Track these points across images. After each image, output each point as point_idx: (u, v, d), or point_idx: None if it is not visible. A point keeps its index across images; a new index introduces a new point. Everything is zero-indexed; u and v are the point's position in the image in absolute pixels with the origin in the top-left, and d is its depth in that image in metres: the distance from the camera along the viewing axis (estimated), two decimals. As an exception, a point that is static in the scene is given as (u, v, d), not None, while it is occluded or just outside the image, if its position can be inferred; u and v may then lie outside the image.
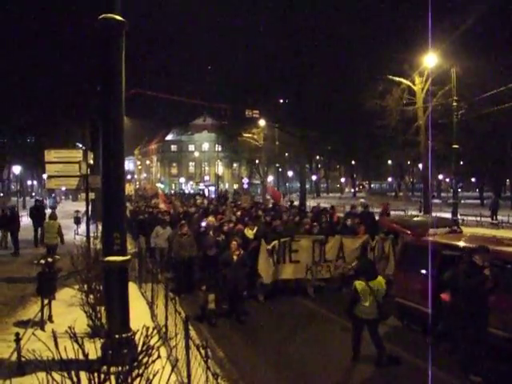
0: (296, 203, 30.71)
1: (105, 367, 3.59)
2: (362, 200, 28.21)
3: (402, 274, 9.42)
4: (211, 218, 15.12)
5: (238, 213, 17.76)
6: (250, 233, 12.74)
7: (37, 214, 20.62)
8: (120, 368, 3.57)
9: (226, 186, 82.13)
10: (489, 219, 29.15)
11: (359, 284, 7.22)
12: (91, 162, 13.60)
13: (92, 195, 15.65)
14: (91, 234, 14.04)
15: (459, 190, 40.68)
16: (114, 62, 6.55)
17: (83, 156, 13.02)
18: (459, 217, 28.39)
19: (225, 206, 21.27)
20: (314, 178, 77.13)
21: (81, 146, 33.13)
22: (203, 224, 13.88)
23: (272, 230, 12.68)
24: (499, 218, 29.13)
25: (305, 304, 11.25)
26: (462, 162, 40.34)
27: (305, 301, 11.46)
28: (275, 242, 11.53)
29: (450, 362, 7.19)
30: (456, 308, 7.06)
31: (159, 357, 3.79)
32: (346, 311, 7.57)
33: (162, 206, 21.88)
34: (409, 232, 10.15)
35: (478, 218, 28.85)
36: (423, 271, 8.64)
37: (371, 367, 7.28)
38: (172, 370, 4.00)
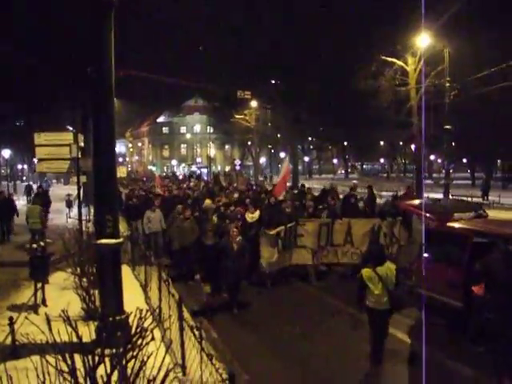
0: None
1: (99, 349, 3.60)
2: (354, 181, 28.19)
3: (425, 263, 8.48)
4: (208, 201, 14.79)
5: (235, 195, 17.21)
6: (250, 216, 12.28)
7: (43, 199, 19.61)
8: (114, 350, 3.58)
9: (219, 167, 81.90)
10: (480, 199, 29.36)
11: (366, 271, 6.63)
12: (82, 144, 13.50)
13: (83, 178, 15.52)
14: (83, 218, 13.99)
15: (451, 170, 40.79)
16: (104, 42, 6.46)
17: (74, 138, 12.91)
18: (450, 197, 28.63)
19: (220, 188, 20.86)
20: (306, 159, 77.05)
21: (71, 129, 32.84)
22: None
23: (278, 212, 12.11)
24: (490, 198, 29.34)
25: (306, 289, 10.98)
26: (453, 143, 40.37)
27: (307, 286, 11.15)
28: (281, 228, 10.98)
29: (482, 361, 6.55)
30: (492, 302, 6.40)
31: (153, 338, 3.81)
32: (356, 303, 7.06)
33: (158, 190, 21.26)
34: (433, 217, 9.21)
35: (470, 199, 29.05)
36: (450, 260, 8.09)
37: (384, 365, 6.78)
38: (166, 352, 4.03)
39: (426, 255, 8.60)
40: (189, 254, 11.10)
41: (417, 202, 11.93)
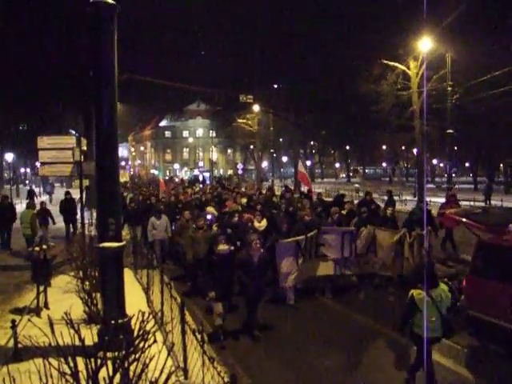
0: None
1: (101, 353, 3.61)
2: (356, 185, 28.22)
3: (479, 281, 7.60)
4: (211, 209, 13.80)
5: (244, 200, 16.26)
6: (257, 225, 11.48)
7: (66, 207, 18.24)
8: (116, 353, 3.59)
9: (221, 171, 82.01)
10: (482, 204, 29.33)
11: (418, 293, 5.80)
12: (85, 148, 13.51)
13: (86, 182, 15.51)
14: (86, 221, 14.01)
15: (453, 174, 40.78)
16: (106, 47, 6.50)
17: (76, 142, 12.92)
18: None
19: (226, 192, 20.00)
20: (308, 163, 77.04)
21: (74, 132, 32.93)
22: (208, 217, 11.94)
23: (294, 221, 11.18)
24: (492, 202, 29.31)
25: (332, 306, 9.84)
26: (456, 147, 40.40)
27: (333, 302, 10.03)
28: (302, 237, 9.95)
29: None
30: None
31: (155, 341, 3.81)
32: (399, 327, 6.23)
33: (163, 195, 20.45)
34: (486, 228, 8.19)
35: (472, 203, 29.04)
36: (508, 277, 7.09)
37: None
38: (168, 355, 4.04)
39: (479, 272, 7.69)
40: (202, 266, 9.85)
41: (460, 211, 11.00)
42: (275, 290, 9.65)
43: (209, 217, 11.90)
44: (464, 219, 9.00)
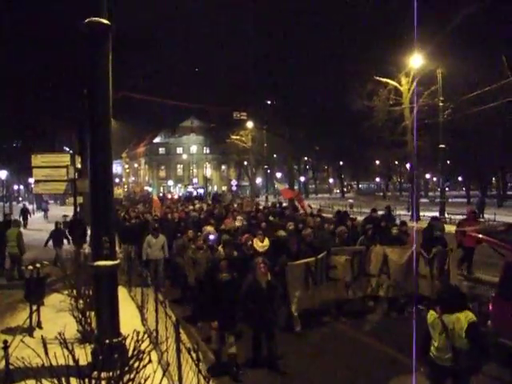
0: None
1: (95, 373, 3.57)
2: (350, 200, 28.29)
3: (508, 305, 6.88)
4: (209, 228, 12.82)
5: (239, 217, 15.62)
6: (259, 245, 10.73)
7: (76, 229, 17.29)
8: (111, 373, 3.55)
9: (215, 188, 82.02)
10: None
11: (431, 314, 5.33)
12: (79, 166, 13.53)
13: (80, 199, 15.48)
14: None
15: (446, 189, 41.03)
16: (101, 65, 6.53)
17: (71, 160, 12.95)
18: (446, 215, 28.74)
19: (223, 210, 19.41)
20: (302, 179, 77.27)
21: (68, 150, 32.90)
22: (211, 237, 10.99)
23: (298, 242, 10.40)
24: (485, 216, 29.43)
25: (344, 332, 9.08)
26: (448, 162, 40.70)
27: (344, 328, 9.27)
28: (312, 260, 9.25)
29: None
30: None
31: (150, 361, 3.78)
32: (419, 352, 5.63)
33: (157, 213, 19.73)
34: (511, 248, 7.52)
35: (465, 217, 29.09)
36: None
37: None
38: (163, 375, 3.99)
39: (505, 294, 7.03)
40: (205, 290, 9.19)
41: (482, 228, 10.31)
42: (287, 318, 8.88)
43: (212, 237, 10.95)
44: (488, 238, 8.34)
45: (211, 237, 11.02)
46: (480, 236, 8.74)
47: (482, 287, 11.02)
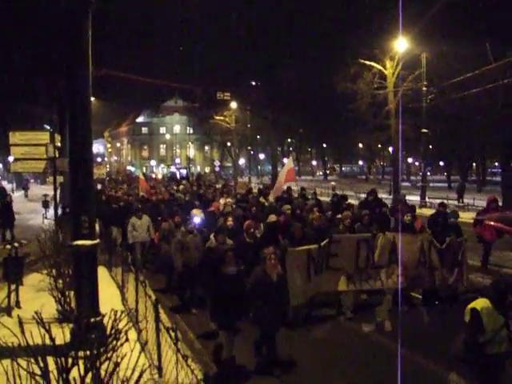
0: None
1: (73, 352, 3.56)
2: (333, 183, 28.41)
3: None
4: (196, 211, 11.35)
5: (228, 200, 14.29)
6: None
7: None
8: (88, 352, 3.55)
9: (198, 168, 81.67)
10: (455, 202, 29.89)
11: (484, 302, 4.76)
12: (59, 144, 13.31)
13: (60, 178, 15.25)
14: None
15: (428, 173, 41.48)
16: (81, 42, 6.40)
17: (50, 138, 12.72)
18: (427, 199, 29.13)
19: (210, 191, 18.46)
20: (285, 160, 77.38)
21: (49, 128, 32.30)
22: (197, 220, 9.89)
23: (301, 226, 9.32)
24: (465, 200, 29.88)
25: (349, 326, 8.31)
26: (430, 146, 41.08)
27: (349, 322, 8.47)
28: (314, 246, 8.31)
29: None
30: None
31: (127, 340, 3.78)
32: (463, 351, 4.85)
33: (144, 193, 18.87)
34: None
35: (446, 201, 29.53)
36: None
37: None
38: (140, 353, 4.00)
39: None
40: (193, 276, 8.78)
41: (501, 216, 9.37)
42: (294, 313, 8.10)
43: (197, 220, 9.98)
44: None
45: (197, 220, 10.01)
46: (498, 226, 7.98)
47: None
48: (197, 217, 9.95)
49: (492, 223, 8.68)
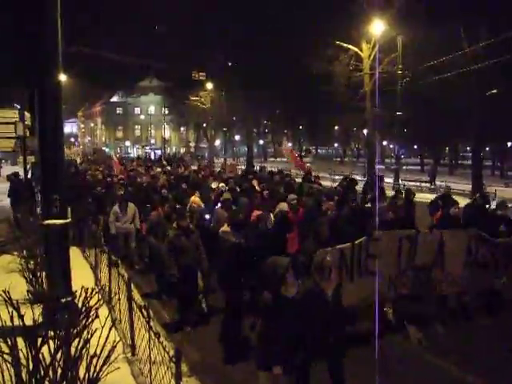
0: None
1: (43, 331, 3.53)
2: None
3: None
4: (195, 198, 10.30)
5: (221, 184, 12.73)
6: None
7: None
8: (58, 331, 3.53)
9: (173, 149, 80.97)
10: (428, 184, 30.46)
11: None
12: (29, 123, 12.99)
13: (32, 158, 14.92)
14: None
15: (402, 156, 42.02)
16: (50, 16, 6.19)
17: (20, 116, 12.41)
18: (400, 182, 29.56)
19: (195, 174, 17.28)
20: (261, 142, 77.24)
21: (19, 106, 31.45)
22: (207, 216, 8.44)
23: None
24: (437, 183, 30.45)
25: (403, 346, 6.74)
26: (405, 130, 41.50)
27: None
28: (347, 245, 6.69)
29: None
30: None
31: (97, 316, 3.77)
32: None
33: (118, 175, 17.84)
34: None
35: (418, 184, 30.09)
36: None
37: None
38: (111, 329, 3.98)
39: None
40: (192, 282, 7.30)
41: None
42: None
43: (207, 216, 8.53)
44: None
45: (207, 216, 8.54)
46: None
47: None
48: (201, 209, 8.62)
49: None
